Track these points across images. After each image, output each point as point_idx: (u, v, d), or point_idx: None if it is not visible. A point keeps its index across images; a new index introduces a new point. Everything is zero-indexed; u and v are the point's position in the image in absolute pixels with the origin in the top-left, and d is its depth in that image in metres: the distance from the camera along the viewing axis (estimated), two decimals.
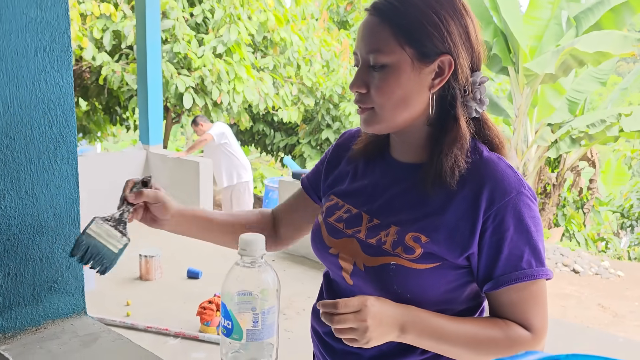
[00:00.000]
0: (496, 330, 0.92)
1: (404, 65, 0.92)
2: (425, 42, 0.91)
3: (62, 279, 1.17)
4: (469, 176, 0.94)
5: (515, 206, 0.92)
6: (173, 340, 3.27)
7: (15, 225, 1.08)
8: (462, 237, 0.93)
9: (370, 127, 0.98)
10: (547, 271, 0.94)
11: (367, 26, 0.95)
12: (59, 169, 1.13)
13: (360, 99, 0.96)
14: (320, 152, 9.94)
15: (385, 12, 0.93)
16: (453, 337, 0.91)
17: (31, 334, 1.13)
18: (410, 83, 0.93)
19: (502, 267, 0.92)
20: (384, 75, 0.92)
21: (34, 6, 1.05)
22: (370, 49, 0.93)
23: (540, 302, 0.94)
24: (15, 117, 1.06)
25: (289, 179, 5.00)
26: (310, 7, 9.35)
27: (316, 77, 9.15)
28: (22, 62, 1.05)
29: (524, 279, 0.92)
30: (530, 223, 0.93)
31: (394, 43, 0.91)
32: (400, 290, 0.92)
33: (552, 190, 9.29)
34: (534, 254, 0.93)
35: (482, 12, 8.05)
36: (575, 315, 5.47)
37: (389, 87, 0.92)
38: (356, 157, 1.11)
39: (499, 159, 0.97)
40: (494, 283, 0.93)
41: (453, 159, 0.93)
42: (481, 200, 0.92)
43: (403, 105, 0.94)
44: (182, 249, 4.89)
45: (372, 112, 0.96)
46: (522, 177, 0.96)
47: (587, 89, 8.60)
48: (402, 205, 0.99)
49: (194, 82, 7.20)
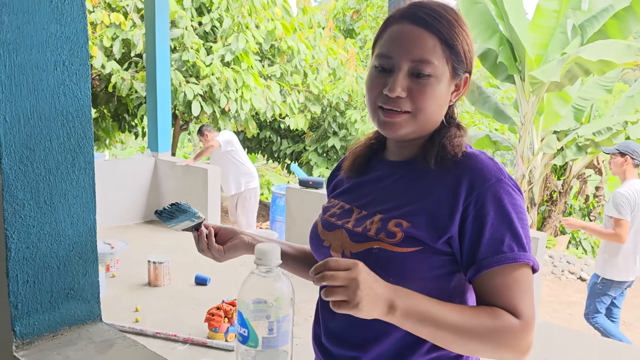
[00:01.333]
0: (485, 316, 0.91)
1: (444, 78, 1.00)
2: (462, 60, 1.01)
3: (79, 286, 1.20)
4: (452, 167, 1.00)
5: (495, 192, 0.95)
6: (181, 346, 3.29)
7: (34, 234, 1.11)
8: (441, 221, 0.97)
9: (401, 130, 1.02)
10: (530, 257, 0.94)
11: (412, 35, 0.99)
12: (76, 179, 1.16)
13: (397, 103, 1.00)
14: (327, 159, 9.97)
15: (432, 25, 0.99)
16: (441, 320, 0.88)
17: (48, 340, 1.16)
18: (445, 95, 1.02)
19: (483, 251, 0.94)
20: (428, 84, 0.98)
21: (53, 22, 1.09)
22: (415, 58, 0.98)
23: (526, 288, 0.93)
24: (35, 129, 1.09)
25: (296, 186, 5.02)
26: (317, 16, 9.41)
27: (323, 85, 9.20)
28: (42, 76, 1.09)
29: (505, 262, 0.92)
30: (511, 209, 0.95)
31: (442, 57, 0.99)
32: (383, 274, 0.95)
33: (559, 198, 9.28)
34: (516, 239, 0.94)
35: (488, 20, 8.07)
36: (582, 323, 5.46)
37: (433, 94, 0.99)
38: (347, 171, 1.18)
39: (481, 152, 1.03)
40: (476, 267, 0.94)
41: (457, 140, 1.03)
42: (461, 187, 0.97)
43: (437, 113, 1.02)
44: (191, 256, 4.92)
45: (408, 117, 1.00)
46: (504, 168, 1.00)
47: (593, 97, 8.59)
48: (388, 196, 1.06)
49: (202, 90, 7.25)
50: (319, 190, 4.79)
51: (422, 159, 1.04)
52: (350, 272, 0.82)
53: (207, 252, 1.24)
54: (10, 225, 1.07)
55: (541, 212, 9.34)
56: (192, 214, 1.22)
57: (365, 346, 1.04)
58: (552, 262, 7.19)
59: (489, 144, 8.66)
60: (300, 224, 4.86)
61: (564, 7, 8.01)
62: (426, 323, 0.87)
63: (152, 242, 5.30)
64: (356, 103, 9.45)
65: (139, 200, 6.01)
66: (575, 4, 8.04)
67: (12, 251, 1.08)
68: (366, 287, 0.82)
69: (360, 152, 1.17)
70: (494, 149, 8.81)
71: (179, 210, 1.21)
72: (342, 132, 9.70)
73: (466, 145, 1.04)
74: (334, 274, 0.82)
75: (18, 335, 1.12)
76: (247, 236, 1.24)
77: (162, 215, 1.22)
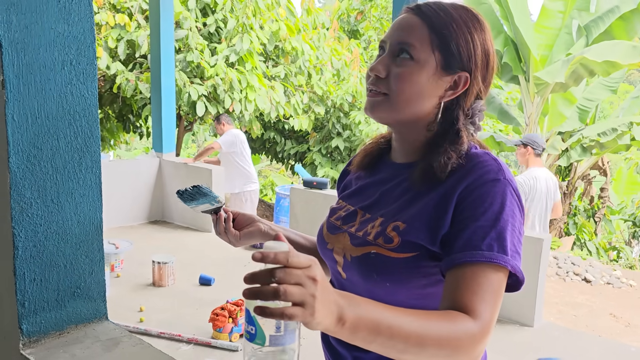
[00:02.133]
0: (442, 321, 0.83)
1: (428, 66, 0.98)
2: (454, 53, 0.99)
3: (85, 285, 1.21)
4: (455, 170, 0.97)
5: (490, 190, 0.92)
6: (186, 346, 3.30)
7: (41, 232, 1.12)
8: (436, 220, 0.95)
9: (377, 112, 1.02)
10: (509, 261, 0.88)
11: (406, 21, 1.01)
12: (83, 178, 1.17)
13: (376, 83, 1.00)
14: (331, 160, 9.97)
15: (427, 16, 0.99)
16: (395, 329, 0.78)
17: (55, 338, 1.17)
18: (427, 84, 0.99)
19: (461, 245, 0.90)
20: (406, 67, 0.98)
21: (61, 21, 1.09)
22: (402, 41, 0.99)
23: (493, 292, 0.87)
24: (43, 128, 1.10)
25: (300, 186, 5.02)
26: (321, 16, 9.42)
27: (327, 85, 9.21)
28: (49, 75, 1.09)
29: (479, 259, 0.87)
30: (502, 209, 0.91)
31: (427, 44, 0.98)
32: (379, 278, 0.94)
33: (563, 199, 9.26)
34: (499, 240, 0.89)
35: (493, 20, 8.07)
36: (587, 324, 5.44)
37: (408, 78, 0.98)
38: (357, 168, 1.18)
39: (485, 153, 0.99)
40: (451, 259, 0.90)
41: (445, 158, 0.97)
42: (459, 183, 0.95)
43: (414, 100, 0.99)
44: (195, 256, 4.93)
45: (384, 99, 1.00)
46: (508, 170, 0.96)
47: (598, 98, 8.58)
48: (390, 199, 1.05)
49: (206, 90, 7.27)
50: (323, 191, 4.79)
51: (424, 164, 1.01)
52: (309, 270, 0.70)
53: (223, 236, 1.25)
54: (17, 224, 1.08)
55: None
56: (212, 197, 1.23)
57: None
58: (557, 263, 7.17)
59: (493, 145, 8.65)
60: (304, 224, 4.87)
61: (569, 8, 8.00)
62: (379, 334, 0.77)
63: (156, 243, 5.31)
64: (360, 104, 9.45)
65: (144, 201, 6.02)
66: (581, 4, 8.03)
67: (20, 249, 1.09)
68: (321, 293, 0.70)
69: (370, 149, 1.16)
70: (499, 149, 8.80)
71: (200, 193, 1.23)
72: (346, 133, 9.70)
73: (472, 146, 1.02)
74: (292, 272, 0.69)
75: (25, 333, 1.12)
76: (263, 225, 1.26)
77: (183, 196, 1.24)
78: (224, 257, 4.92)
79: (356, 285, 1.04)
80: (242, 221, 1.26)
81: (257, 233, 1.25)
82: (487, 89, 1.04)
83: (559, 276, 6.95)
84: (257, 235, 1.25)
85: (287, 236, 1.28)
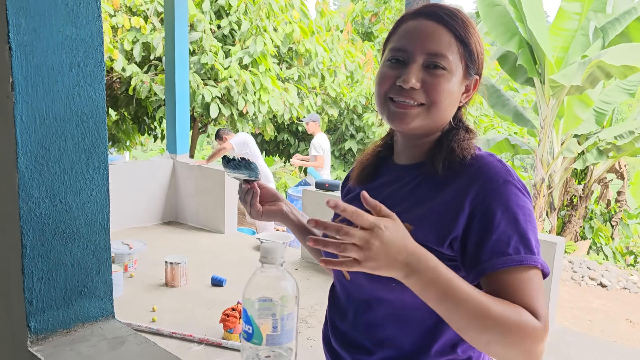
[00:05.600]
0: (510, 308, 0.84)
1: (458, 74, 1.01)
2: (475, 60, 1.02)
3: (92, 284, 1.22)
4: (460, 170, 0.99)
5: (502, 194, 0.93)
6: (197, 346, 3.32)
7: (49, 232, 1.14)
8: (446, 223, 0.95)
9: (412, 123, 1.01)
10: (538, 259, 0.90)
11: (428, 29, 1.00)
12: (90, 178, 1.19)
13: (410, 95, 0.99)
14: (344, 162, 9.97)
15: (448, 22, 1.00)
16: (463, 298, 0.81)
17: (62, 336, 1.18)
18: (457, 92, 1.02)
19: (488, 252, 0.91)
20: (442, 76, 0.99)
21: (69, 24, 1.11)
22: (434, 51, 0.99)
23: (538, 290, 0.89)
24: (51, 129, 1.11)
25: (312, 188, 5.03)
26: (335, 19, 9.44)
27: (340, 87, 9.22)
28: (57, 77, 1.11)
29: (510, 264, 0.89)
30: (518, 211, 0.93)
31: (457, 53, 1.00)
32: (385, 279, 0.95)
33: (579, 203, 9.15)
34: (523, 241, 0.91)
35: (507, 22, 8.01)
36: (603, 329, 5.38)
37: (447, 88, 0.99)
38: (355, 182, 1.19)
39: (489, 154, 1.01)
40: (480, 269, 0.91)
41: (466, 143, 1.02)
42: (468, 188, 0.95)
43: (449, 108, 1.02)
44: (207, 257, 4.96)
45: (422, 110, 1.00)
46: (512, 170, 0.98)
47: (615, 100, 8.47)
48: (395, 200, 1.05)
49: (220, 92, 7.32)
50: (335, 193, 4.79)
51: (429, 164, 1.03)
52: (369, 234, 0.75)
53: (246, 205, 1.27)
54: (25, 223, 1.09)
55: (561, 216, 9.22)
56: (254, 174, 1.24)
57: (371, 350, 1.04)
58: (572, 267, 7.09)
59: (507, 148, 8.59)
60: None
61: (586, 9, 7.91)
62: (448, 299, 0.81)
63: (169, 243, 5.35)
64: (373, 106, 9.43)
65: (157, 202, 6.07)
66: (598, 6, 7.94)
67: (28, 248, 1.10)
68: (381, 254, 0.76)
69: (367, 161, 1.16)
70: (513, 152, 8.73)
71: (246, 167, 1.23)
72: (359, 135, 9.70)
73: (475, 148, 1.03)
74: (351, 231, 0.75)
75: (33, 331, 1.14)
76: (286, 206, 1.27)
77: (228, 163, 1.24)
78: (236, 259, 4.94)
79: (361, 287, 1.04)
80: (265, 196, 1.28)
81: (278, 213, 1.27)
82: None
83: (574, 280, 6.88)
84: (278, 215, 1.27)
85: (305, 224, 1.29)
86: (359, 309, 1.06)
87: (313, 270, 4.67)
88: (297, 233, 1.30)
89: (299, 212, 1.31)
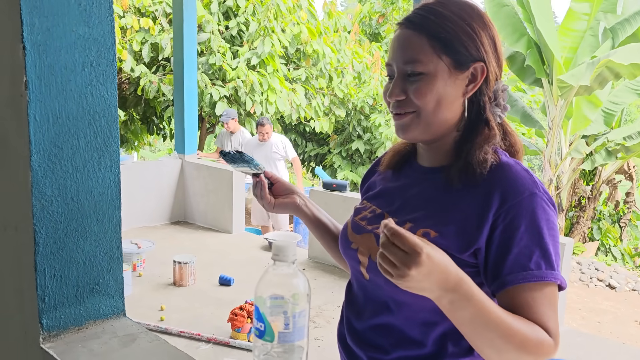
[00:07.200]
0: (529, 328, 0.87)
1: (441, 72, 0.98)
2: (461, 50, 0.98)
3: (104, 282, 1.23)
4: (485, 177, 0.97)
5: (527, 206, 0.92)
6: (205, 345, 3.33)
7: (61, 229, 1.15)
8: (469, 232, 0.95)
9: (410, 132, 1.01)
10: (558, 276, 0.91)
11: (403, 38, 1.00)
12: (102, 176, 1.19)
13: (400, 105, 1.00)
14: (351, 162, 9.97)
15: (421, 25, 0.99)
16: (492, 321, 0.84)
17: (74, 333, 1.19)
18: (447, 89, 0.98)
19: (509, 266, 0.91)
20: (421, 82, 0.98)
21: (82, 24, 1.12)
22: (407, 60, 0.98)
23: (553, 307, 0.91)
24: (64, 128, 1.12)
25: (319, 188, 5.03)
26: (342, 19, 9.45)
27: (348, 88, 9.22)
28: (70, 77, 1.12)
29: (531, 280, 0.89)
30: (543, 225, 0.92)
31: (431, 53, 0.97)
32: None
33: (587, 204, 9.10)
34: (544, 256, 0.91)
35: (516, 23, 7.98)
36: (611, 331, 5.35)
37: (427, 90, 0.97)
38: (386, 167, 1.18)
39: (516, 163, 0.99)
40: (501, 282, 0.91)
41: (483, 154, 0.98)
42: (493, 198, 0.94)
43: (443, 110, 0.99)
44: (215, 256, 4.98)
45: (413, 116, 1.00)
46: (539, 181, 0.97)
47: (624, 101, 8.42)
48: (418, 204, 1.04)
49: (228, 92, 7.34)
50: (343, 193, 4.79)
51: (448, 172, 1.01)
52: (406, 258, 0.78)
53: (259, 199, 1.27)
54: (38, 221, 1.10)
55: (569, 217, 9.17)
56: (253, 165, 1.25)
57: (387, 350, 1.04)
58: (580, 268, 7.05)
59: None
60: None
61: (595, 10, 7.87)
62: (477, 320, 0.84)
63: (177, 243, 5.37)
64: (381, 107, 9.44)
65: (166, 202, 6.09)
66: (607, 6, 7.90)
67: (40, 246, 1.11)
68: (417, 278, 0.79)
69: (399, 149, 1.16)
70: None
71: (242, 159, 1.25)
72: (366, 135, 9.69)
73: (501, 153, 1.01)
74: (392, 249, 0.78)
75: (45, 328, 1.15)
76: (300, 199, 1.27)
77: (226, 157, 1.26)
78: (244, 258, 4.95)
79: (379, 287, 1.04)
80: (280, 189, 1.28)
81: (291, 205, 1.27)
82: (501, 69, 1.04)
83: (583, 282, 6.84)
84: (292, 208, 1.27)
85: (319, 218, 1.29)
86: (377, 311, 1.06)
87: (320, 270, 4.67)
88: (311, 226, 1.30)
89: (314, 205, 1.30)
